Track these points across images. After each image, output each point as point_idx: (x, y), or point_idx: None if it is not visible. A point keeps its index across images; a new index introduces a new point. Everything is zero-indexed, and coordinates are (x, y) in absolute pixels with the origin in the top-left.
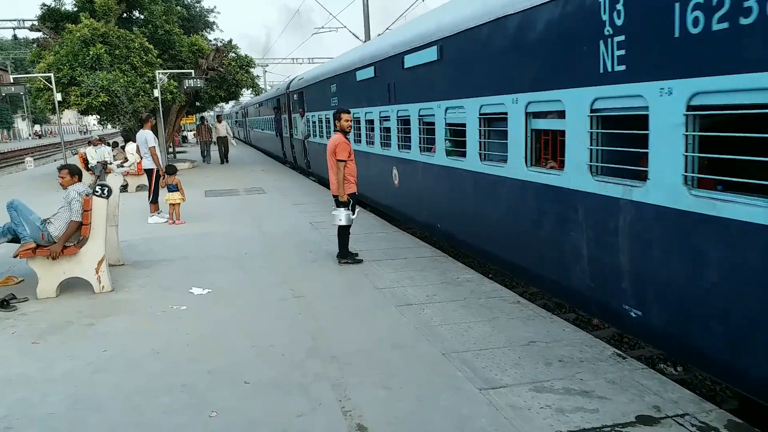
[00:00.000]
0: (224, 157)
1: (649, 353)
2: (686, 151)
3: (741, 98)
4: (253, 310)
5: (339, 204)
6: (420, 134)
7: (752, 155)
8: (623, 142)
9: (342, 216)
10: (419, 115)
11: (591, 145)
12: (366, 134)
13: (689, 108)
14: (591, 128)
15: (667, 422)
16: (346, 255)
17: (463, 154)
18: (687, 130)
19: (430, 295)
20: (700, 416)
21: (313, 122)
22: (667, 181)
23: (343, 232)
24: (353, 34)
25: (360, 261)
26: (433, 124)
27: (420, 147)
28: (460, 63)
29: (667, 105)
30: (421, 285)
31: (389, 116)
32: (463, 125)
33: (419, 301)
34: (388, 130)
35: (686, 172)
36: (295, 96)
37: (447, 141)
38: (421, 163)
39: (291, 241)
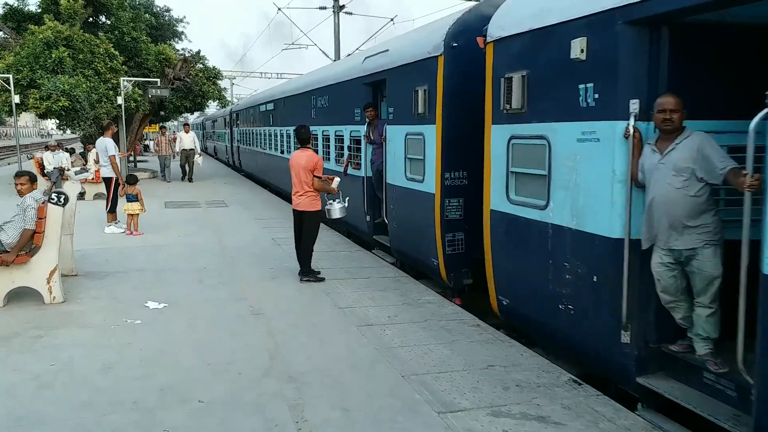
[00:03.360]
0: (188, 176)
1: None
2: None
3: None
4: (210, 326)
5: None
6: None
7: None
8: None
9: (336, 208)
10: None
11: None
12: None
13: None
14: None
15: None
16: (308, 272)
17: None
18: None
19: (391, 316)
20: None
21: None
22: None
23: (308, 249)
24: (323, 52)
25: (322, 279)
26: None
27: None
28: None
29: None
30: (383, 305)
31: None
32: None
33: (380, 322)
34: None
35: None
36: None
37: None
38: None
39: (252, 256)
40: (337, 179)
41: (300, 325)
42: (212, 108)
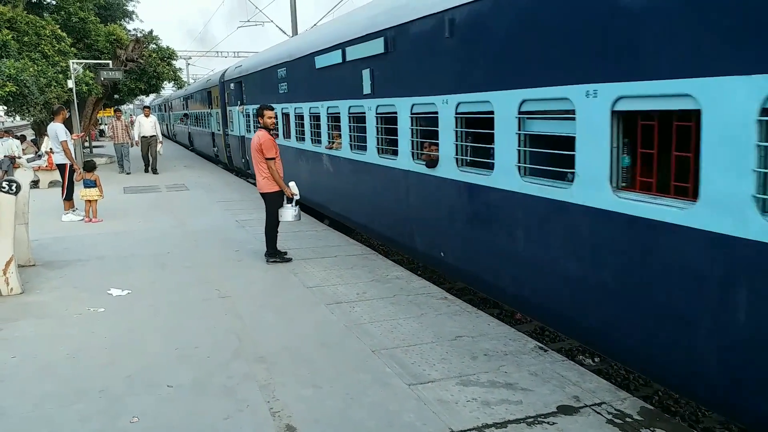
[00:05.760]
0: (152, 166)
1: (569, 345)
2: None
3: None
4: (176, 311)
5: (287, 200)
6: None
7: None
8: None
9: (288, 212)
10: None
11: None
12: None
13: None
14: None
15: (586, 411)
16: (274, 254)
17: None
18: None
19: (359, 293)
20: (616, 404)
21: None
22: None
23: (271, 229)
24: (280, 28)
25: (289, 259)
26: None
27: None
28: None
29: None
30: (351, 283)
31: None
32: None
33: (349, 299)
34: None
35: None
36: None
37: None
38: None
39: (216, 239)
40: (292, 183)
41: (268, 306)
42: (168, 89)
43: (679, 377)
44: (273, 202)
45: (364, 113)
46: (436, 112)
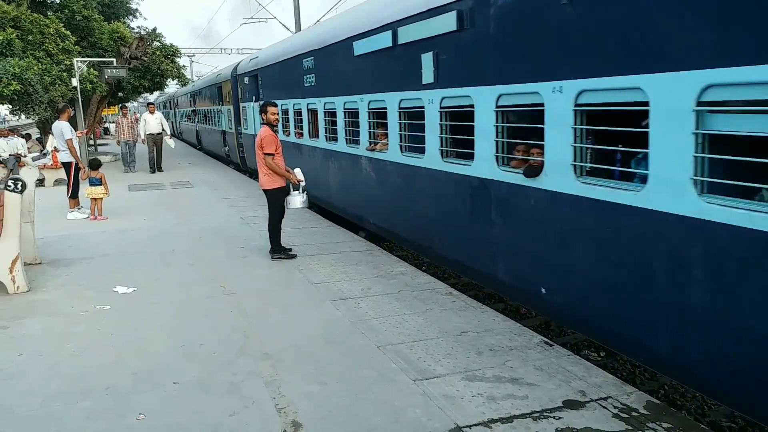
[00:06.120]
0: (157, 164)
1: (575, 340)
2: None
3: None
4: (181, 308)
5: (293, 188)
6: None
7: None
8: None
9: (296, 200)
10: None
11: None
12: None
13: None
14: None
15: (592, 405)
16: (279, 250)
17: None
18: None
19: (364, 289)
20: (622, 398)
21: None
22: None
23: (275, 226)
24: (283, 25)
25: (294, 256)
26: None
27: None
28: None
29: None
30: (356, 279)
31: None
32: None
33: (354, 295)
34: None
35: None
36: None
37: None
38: None
39: (221, 236)
40: (297, 170)
41: (273, 303)
42: (172, 87)
43: None
44: (275, 198)
45: (423, 107)
46: (542, 104)
